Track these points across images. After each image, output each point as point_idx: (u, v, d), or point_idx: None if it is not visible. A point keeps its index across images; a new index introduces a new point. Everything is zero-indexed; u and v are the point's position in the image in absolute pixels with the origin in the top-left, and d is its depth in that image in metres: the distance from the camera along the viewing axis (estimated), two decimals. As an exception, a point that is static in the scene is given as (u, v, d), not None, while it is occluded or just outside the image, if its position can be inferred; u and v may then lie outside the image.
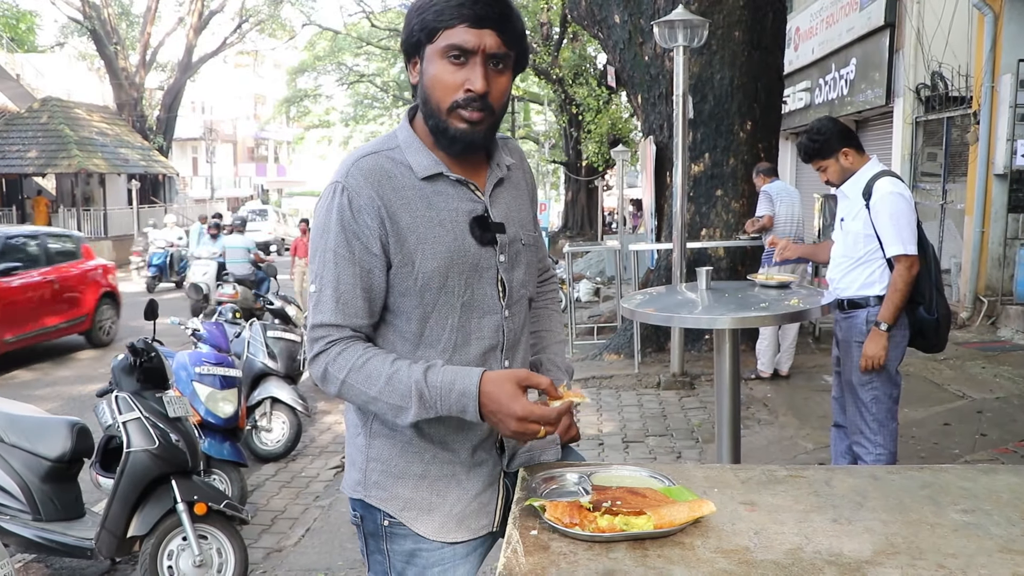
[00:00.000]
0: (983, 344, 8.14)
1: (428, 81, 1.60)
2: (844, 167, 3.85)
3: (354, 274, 1.60)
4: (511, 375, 1.53)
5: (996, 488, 1.61)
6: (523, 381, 1.52)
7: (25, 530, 3.86)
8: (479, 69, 1.57)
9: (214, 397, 4.96)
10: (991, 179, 8.93)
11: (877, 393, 3.77)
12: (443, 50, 1.57)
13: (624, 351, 8.48)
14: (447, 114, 1.60)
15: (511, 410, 1.48)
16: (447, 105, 1.59)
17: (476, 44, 1.55)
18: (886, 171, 3.80)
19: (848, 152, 3.83)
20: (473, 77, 1.57)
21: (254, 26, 33.54)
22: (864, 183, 3.75)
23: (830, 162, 3.86)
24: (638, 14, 8.81)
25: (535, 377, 1.54)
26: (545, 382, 1.54)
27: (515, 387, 1.50)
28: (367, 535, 1.75)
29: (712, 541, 1.38)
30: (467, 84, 1.57)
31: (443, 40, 1.56)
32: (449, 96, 1.58)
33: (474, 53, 1.56)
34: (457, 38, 1.55)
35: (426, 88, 1.61)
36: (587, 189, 29.67)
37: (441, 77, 1.58)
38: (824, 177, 3.94)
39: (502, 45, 1.58)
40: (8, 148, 23.93)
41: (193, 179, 43.79)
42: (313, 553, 4.38)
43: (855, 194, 3.78)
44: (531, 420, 1.48)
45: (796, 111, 14.92)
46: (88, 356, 10.43)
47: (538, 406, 1.49)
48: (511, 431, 1.50)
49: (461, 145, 1.63)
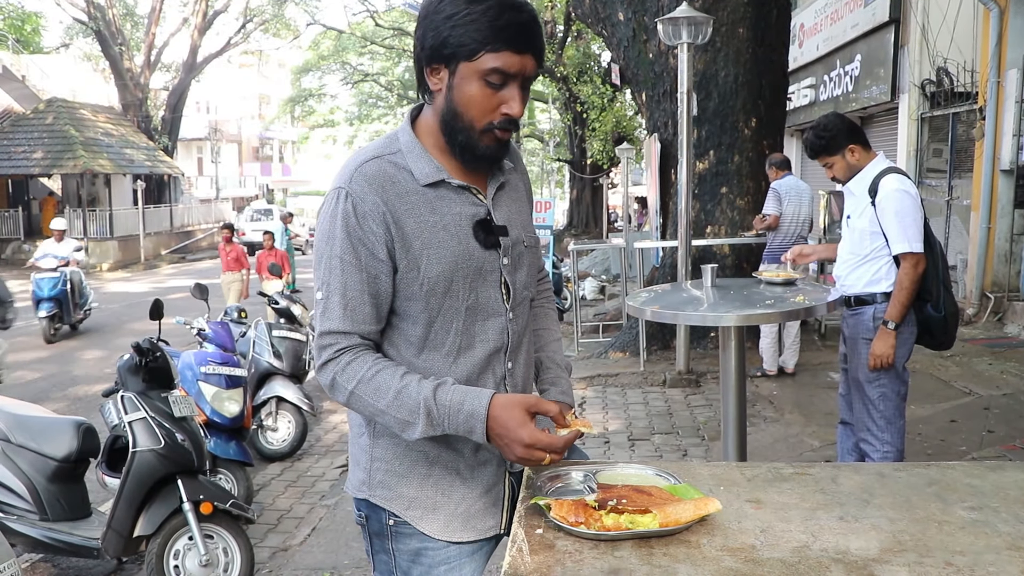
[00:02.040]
0: (990, 340, 8.11)
1: (462, 98, 1.58)
2: (851, 164, 3.82)
3: (361, 280, 1.58)
4: (521, 401, 1.53)
5: (1004, 485, 1.60)
6: (532, 408, 1.52)
7: (32, 530, 3.87)
8: (518, 94, 1.57)
9: (220, 397, 4.97)
10: (997, 175, 8.90)
11: (885, 390, 3.76)
12: (485, 72, 1.54)
13: (630, 349, 8.47)
14: (480, 134, 1.59)
15: (518, 436, 1.48)
16: (482, 126, 1.59)
17: (520, 69, 1.55)
18: (892, 168, 3.78)
19: (855, 149, 3.81)
20: (512, 102, 1.57)
21: (258, 26, 33.60)
22: (870, 180, 3.73)
23: (836, 159, 3.84)
24: (642, 11, 8.80)
25: (544, 404, 1.54)
26: (554, 409, 1.54)
27: (523, 413, 1.50)
28: (372, 534, 1.74)
29: (718, 539, 1.38)
30: (505, 108, 1.57)
31: (486, 62, 1.53)
32: (485, 118, 1.58)
33: (515, 78, 1.56)
34: (502, 62, 1.53)
35: (457, 104, 1.58)
36: (592, 187, 29.68)
37: (479, 99, 1.56)
38: (830, 174, 3.92)
39: (536, 66, 1.59)
40: (14, 149, 24.01)
41: (198, 179, 43.90)
42: (319, 552, 4.38)
43: (861, 191, 3.77)
44: (537, 448, 1.48)
45: (801, 108, 14.89)
46: (94, 356, 10.46)
47: (545, 434, 1.49)
48: (516, 456, 1.50)
49: (487, 162, 1.65)
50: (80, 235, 23.67)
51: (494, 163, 1.67)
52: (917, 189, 3.78)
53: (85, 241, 23.38)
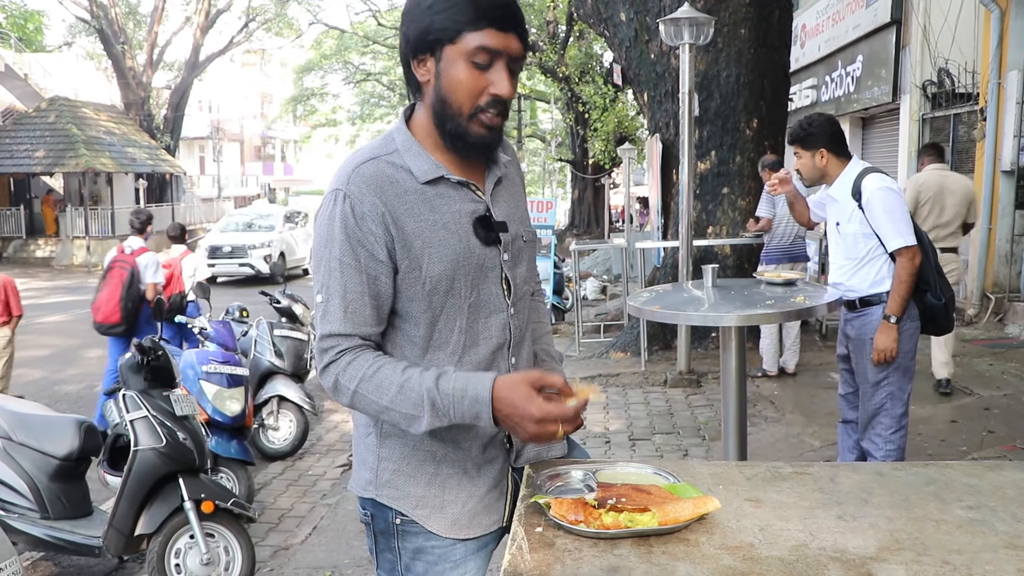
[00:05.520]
0: (990, 341, 8.11)
1: (449, 83, 1.56)
2: (816, 166, 3.86)
3: (361, 282, 1.58)
4: (524, 377, 1.51)
5: (1002, 484, 1.60)
6: (536, 382, 1.50)
7: (33, 528, 3.88)
8: (505, 73, 1.55)
9: (221, 395, 4.98)
10: (998, 176, 8.90)
11: (893, 390, 3.77)
12: (469, 52, 1.53)
13: (631, 349, 8.47)
14: (468, 119, 1.57)
15: (528, 412, 1.46)
16: (469, 110, 1.57)
17: (503, 47, 1.54)
18: (869, 168, 3.80)
19: (825, 154, 3.83)
20: (500, 81, 1.55)
21: (261, 25, 33.58)
22: (851, 184, 3.75)
23: (806, 154, 3.87)
24: (644, 12, 8.80)
25: (548, 377, 1.52)
26: (559, 381, 1.52)
27: (529, 388, 1.49)
28: (377, 533, 1.74)
29: (717, 538, 1.38)
30: (492, 88, 1.55)
31: (469, 42, 1.52)
32: (473, 100, 1.56)
33: (500, 56, 1.54)
34: (486, 41, 1.52)
35: (445, 90, 1.57)
36: (594, 187, 29.68)
37: (466, 81, 1.55)
38: (796, 165, 3.97)
39: (522, 48, 1.57)
40: (16, 147, 24.03)
41: (200, 178, 43.89)
42: (320, 551, 4.39)
43: (844, 196, 3.78)
44: (549, 420, 1.46)
45: (802, 108, 14.87)
46: (95, 355, 10.47)
47: (555, 405, 1.47)
48: (529, 434, 1.48)
49: (479, 150, 1.62)
50: (82, 233, 23.72)
51: (487, 151, 1.65)
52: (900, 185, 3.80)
53: (87, 240, 23.45)
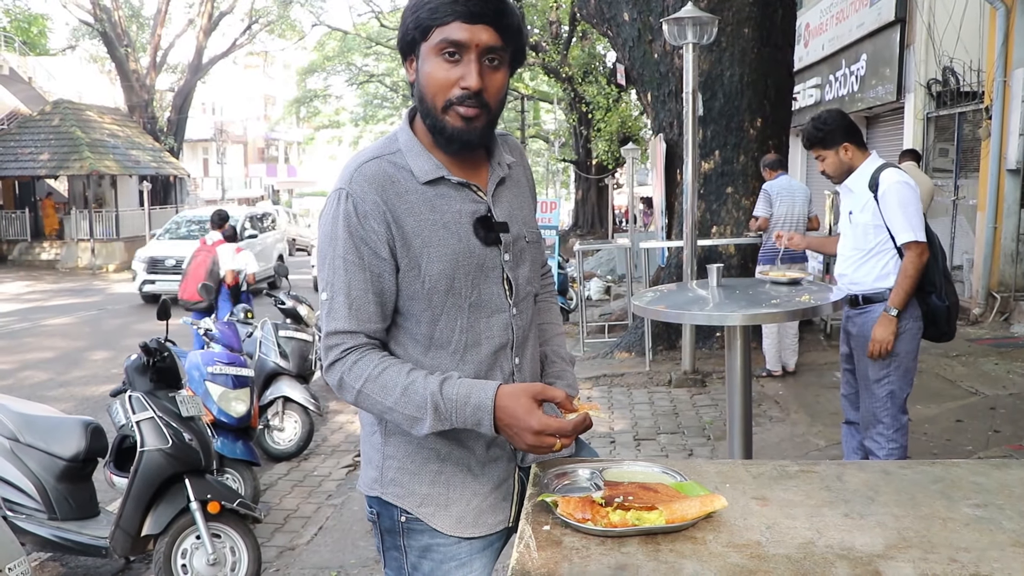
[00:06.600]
0: (996, 340, 8.10)
1: (423, 79, 1.60)
2: (842, 161, 3.86)
3: (365, 279, 1.60)
4: (527, 389, 1.53)
5: (1008, 483, 1.60)
6: (539, 395, 1.52)
7: (41, 529, 3.89)
8: (473, 65, 1.56)
9: (226, 396, 4.98)
10: (1003, 174, 8.89)
11: (893, 388, 3.77)
12: (437, 47, 1.56)
13: (635, 349, 8.47)
14: (442, 112, 1.59)
15: (527, 424, 1.49)
16: (442, 103, 1.58)
17: (470, 39, 1.54)
18: (889, 163, 3.83)
19: (849, 147, 3.84)
20: (468, 75, 1.55)
21: (264, 27, 33.65)
22: (869, 175, 3.77)
23: (829, 153, 3.87)
24: (647, 12, 8.80)
25: (550, 391, 1.54)
26: (560, 395, 1.54)
27: (531, 401, 1.51)
28: (383, 531, 1.75)
29: (724, 536, 1.39)
30: (461, 81, 1.56)
31: (437, 36, 1.55)
32: (444, 93, 1.58)
33: (468, 49, 1.55)
34: (450, 34, 1.54)
35: (422, 87, 1.60)
36: (597, 187, 29.67)
37: (435, 74, 1.57)
38: (821, 167, 3.96)
39: (498, 40, 1.56)
40: (20, 151, 24.07)
41: (204, 180, 44.02)
42: (326, 551, 4.40)
43: (861, 187, 3.80)
44: (547, 433, 1.48)
45: (806, 108, 14.86)
46: (101, 356, 10.49)
47: (554, 419, 1.49)
48: (527, 445, 1.50)
49: (458, 144, 1.62)
50: (87, 236, 23.76)
51: (467, 144, 1.64)
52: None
53: (92, 242, 23.49)
